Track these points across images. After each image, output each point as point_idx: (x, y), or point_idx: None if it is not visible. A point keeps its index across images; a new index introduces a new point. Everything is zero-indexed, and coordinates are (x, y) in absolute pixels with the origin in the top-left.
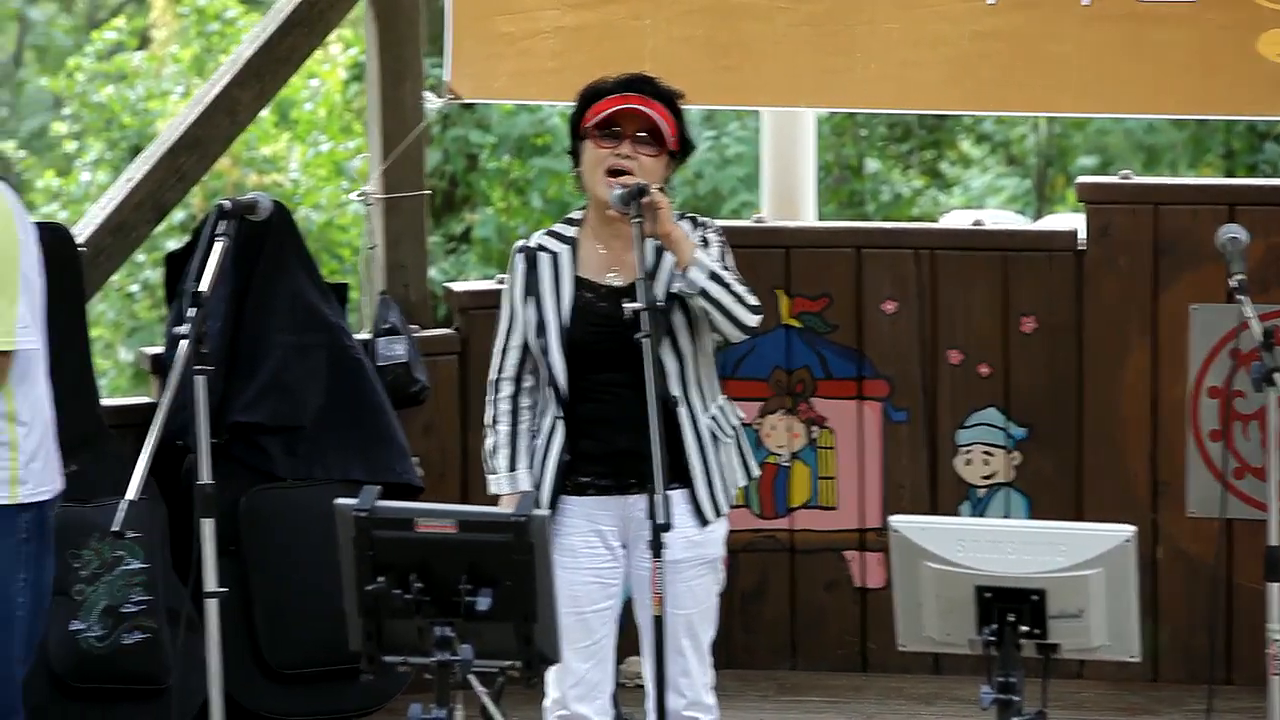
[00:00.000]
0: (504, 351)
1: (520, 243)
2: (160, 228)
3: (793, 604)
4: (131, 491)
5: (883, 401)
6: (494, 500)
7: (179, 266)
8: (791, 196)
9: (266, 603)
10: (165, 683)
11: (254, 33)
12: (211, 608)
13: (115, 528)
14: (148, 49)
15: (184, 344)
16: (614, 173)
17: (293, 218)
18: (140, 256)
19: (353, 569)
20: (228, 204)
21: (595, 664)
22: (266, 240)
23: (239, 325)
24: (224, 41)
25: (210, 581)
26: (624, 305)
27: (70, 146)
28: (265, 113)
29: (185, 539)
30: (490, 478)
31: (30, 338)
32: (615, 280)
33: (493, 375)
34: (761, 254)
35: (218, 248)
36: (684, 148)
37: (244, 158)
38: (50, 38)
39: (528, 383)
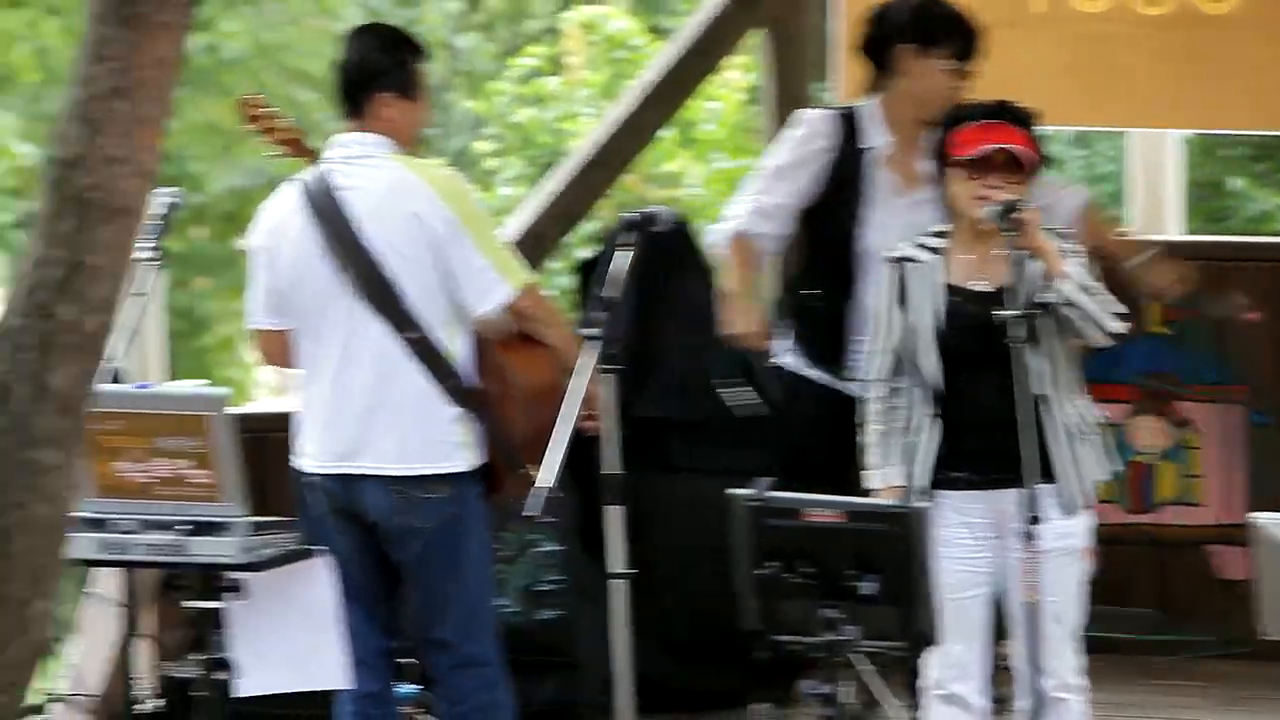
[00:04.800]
0: (876, 355)
1: (888, 253)
2: (573, 238)
3: (1159, 594)
4: (544, 480)
5: (1245, 405)
6: (868, 494)
7: (591, 273)
8: (1158, 212)
9: (668, 584)
10: (577, 657)
11: (657, 60)
12: (618, 589)
13: (527, 513)
14: (562, 74)
15: (592, 345)
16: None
17: (691, 229)
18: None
19: (745, 554)
20: (633, 216)
21: (969, 647)
22: (668, 250)
23: (642, 328)
24: (631, 67)
25: (617, 564)
26: (993, 313)
27: (491, 164)
28: (667, 132)
29: (598, 525)
30: (863, 473)
31: None
32: (982, 286)
33: (866, 377)
34: None
35: (623, 256)
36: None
37: (648, 174)
38: (475, 64)
39: (899, 383)
